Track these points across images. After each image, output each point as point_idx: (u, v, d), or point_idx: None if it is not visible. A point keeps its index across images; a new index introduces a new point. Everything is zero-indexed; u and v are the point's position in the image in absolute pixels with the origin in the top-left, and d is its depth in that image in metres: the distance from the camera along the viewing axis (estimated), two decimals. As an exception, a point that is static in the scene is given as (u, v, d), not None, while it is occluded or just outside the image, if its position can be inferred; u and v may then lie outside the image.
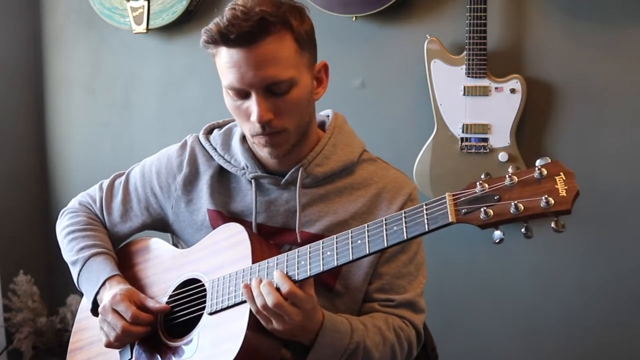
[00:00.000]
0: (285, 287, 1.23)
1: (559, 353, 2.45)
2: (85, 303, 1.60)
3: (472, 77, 2.29)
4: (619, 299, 2.36)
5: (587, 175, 2.22)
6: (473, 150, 2.32)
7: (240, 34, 1.26)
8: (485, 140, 2.31)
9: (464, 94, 2.31)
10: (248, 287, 1.27)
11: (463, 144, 2.33)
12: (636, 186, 2.30)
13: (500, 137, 2.30)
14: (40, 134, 3.16)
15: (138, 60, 2.92)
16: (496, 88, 2.28)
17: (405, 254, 1.44)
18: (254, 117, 1.30)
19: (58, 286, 3.14)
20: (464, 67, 2.29)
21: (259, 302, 1.24)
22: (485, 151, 2.31)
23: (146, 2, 2.70)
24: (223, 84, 1.34)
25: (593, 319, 2.39)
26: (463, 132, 2.33)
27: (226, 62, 1.30)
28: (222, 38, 1.28)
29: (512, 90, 2.27)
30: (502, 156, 2.29)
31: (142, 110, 2.96)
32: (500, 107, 2.29)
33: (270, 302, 1.22)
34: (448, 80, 2.33)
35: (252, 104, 1.31)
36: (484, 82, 2.29)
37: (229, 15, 1.27)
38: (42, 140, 3.16)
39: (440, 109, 2.35)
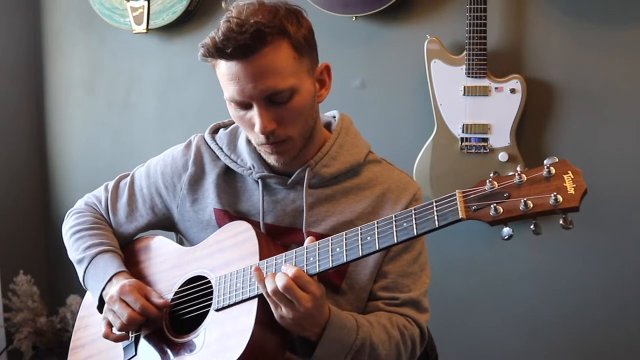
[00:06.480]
0: (291, 270, 1.24)
1: (559, 353, 2.45)
2: (89, 301, 1.61)
3: (472, 77, 2.29)
4: (619, 298, 2.36)
5: (587, 175, 2.21)
6: (473, 150, 2.32)
7: (236, 47, 1.26)
8: (485, 140, 2.31)
9: (464, 94, 2.31)
10: (259, 270, 1.27)
11: (463, 144, 2.33)
12: (636, 186, 2.30)
13: (500, 137, 2.30)
14: (40, 134, 3.16)
15: (138, 60, 2.92)
16: (496, 88, 2.28)
17: (409, 253, 1.45)
18: (257, 128, 1.31)
19: (58, 286, 3.14)
20: (464, 67, 2.29)
21: (269, 286, 1.24)
22: (485, 151, 2.31)
23: (146, 2, 2.70)
24: (225, 95, 1.34)
25: (593, 319, 2.39)
26: (463, 132, 2.33)
27: (225, 74, 1.30)
28: (219, 52, 1.28)
29: (512, 90, 2.27)
30: (502, 156, 2.29)
31: (142, 110, 2.96)
32: (500, 107, 2.29)
33: (280, 284, 1.23)
34: (448, 80, 2.33)
35: (255, 115, 1.31)
36: (484, 82, 2.29)
37: (224, 28, 1.26)
38: (42, 140, 3.17)
39: (440, 109, 2.35)
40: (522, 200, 1.08)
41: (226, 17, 1.28)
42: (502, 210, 1.10)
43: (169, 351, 1.40)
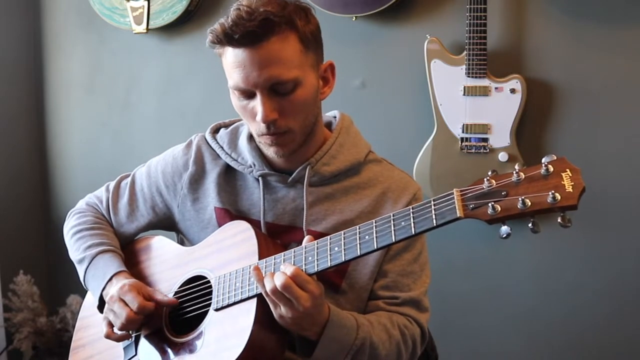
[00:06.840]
0: (290, 269, 1.24)
1: (559, 353, 2.45)
2: (89, 301, 1.61)
3: (472, 77, 2.29)
4: (619, 298, 2.36)
5: (587, 174, 2.21)
6: (473, 150, 2.32)
7: (244, 34, 1.28)
8: (485, 140, 2.31)
9: (464, 94, 2.31)
10: (258, 269, 1.28)
11: (463, 144, 2.33)
12: (636, 186, 2.30)
13: (500, 137, 2.30)
14: (40, 134, 3.16)
15: (138, 60, 2.92)
16: (496, 88, 2.28)
17: (409, 252, 1.45)
18: (258, 116, 1.32)
19: (58, 286, 3.14)
20: (464, 67, 2.29)
21: (268, 285, 1.24)
22: (485, 151, 2.31)
23: (146, 2, 2.70)
24: (229, 84, 1.35)
25: (593, 319, 2.39)
26: (463, 132, 2.33)
27: (231, 62, 1.32)
28: (227, 38, 1.30)
29: (512, 90, 2.27)
30: (502, 156, 2.29)
31: (142, 110, 2.96)
32: (500, 107, 2.29)
33: (279, 283, 1.23)
34: (448, 80, 2.33)
35: (257, 104, 1.32)
36: (484, 82, 2.29)
37: (234, 15, 1.29)
38: (42, 140, 3.17)
39: (440, 109, 2.35)
40: (520, 199, 1.08)
41: (236, 5, 1.30)
42: (499, 209, 1.10)
43: (169, 351, 1.40)
